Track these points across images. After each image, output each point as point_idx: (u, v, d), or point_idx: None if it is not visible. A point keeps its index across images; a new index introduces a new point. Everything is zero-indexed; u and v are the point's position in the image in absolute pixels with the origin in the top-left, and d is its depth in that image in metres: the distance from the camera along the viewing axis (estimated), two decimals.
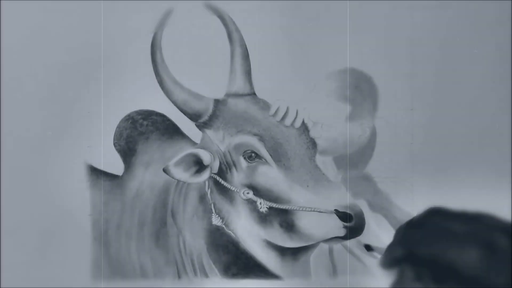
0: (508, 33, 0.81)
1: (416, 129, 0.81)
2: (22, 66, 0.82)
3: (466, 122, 0.81)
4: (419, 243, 0.52)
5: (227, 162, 0.79)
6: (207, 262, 0.81)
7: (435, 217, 0.53)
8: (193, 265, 0.81)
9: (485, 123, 0.81)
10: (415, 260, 0.50)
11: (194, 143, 0.82)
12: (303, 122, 0.80)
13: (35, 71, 0.82)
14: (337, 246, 0.81)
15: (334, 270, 0.81)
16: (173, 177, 0.79)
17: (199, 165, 0.79)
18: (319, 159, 0.80)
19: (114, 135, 0.82)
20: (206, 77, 0.81)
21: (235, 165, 0.79)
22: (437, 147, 0.81)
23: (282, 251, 0.80)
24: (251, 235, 0.80)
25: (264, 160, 0.78)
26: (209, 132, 0.80)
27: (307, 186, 0.78)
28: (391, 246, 0.55)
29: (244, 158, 0.79)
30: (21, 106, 0.82)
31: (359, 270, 0.81)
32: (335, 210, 0.76)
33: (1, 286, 0.82)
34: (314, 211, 0.77)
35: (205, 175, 0.79)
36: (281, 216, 0.78)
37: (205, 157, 0.79)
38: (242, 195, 0.79)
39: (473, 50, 0.82)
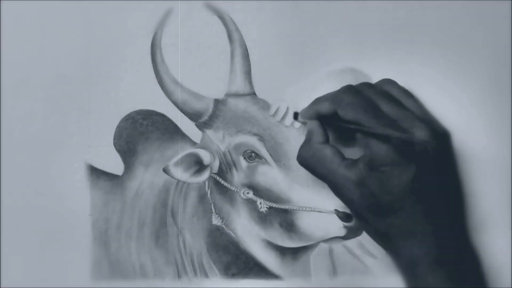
0: (508, 33, 0.81)
1: None
2: (22, 65, 0.82)
3: (466, 122, 0.81)
4: (347, 106, 0.53)
5: (227, 162, 0.79)
6: (207, 262, 0.81)
7: (370, 90, 0.54)
8: (193, 265, 0.81)
9: (486, 124, 0.81)
10: (333, 120, 0.52)
11: (194, 143, 0.82)
12: (303, 122, 0.80)
13: (34, 70, 0.82)
14: (337, 246, 0.81)
15: (334, 270, 0.81)
16: (173, 177, 0.79)
17: (199, 165, 0.79)
18: None
19: (114, 135, 0.82)
20: (206, 77, 0.81)
21: (235, 165, 0.79)
22: None
23: (282, 251, 0.80)
24: (251, 235, 0.80)
25: (264, 160, 0.78)
26: (209, 132, 0.80)
27: (307, 186, 0.78)
28: (316, 100, 0.56)
29: (244, 158, 0.79)
30: (20, 106, 0.82)
31: (359, 270, 0.81)
32: (335, 210, 0.76)
33: (1, 286, 0.82)
34: (314, 211, 0.77)
35: (205, 175, 0.79)
36: (281, 216, 0.78)
37: (205, 157, 0.79)
38: (242, 195, 0.79)
39: (474, 50, 0.82)
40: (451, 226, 0.50)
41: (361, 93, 0.53)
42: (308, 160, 0.55)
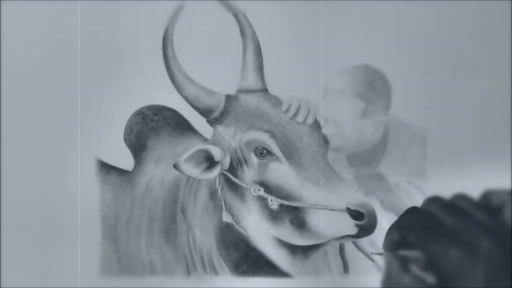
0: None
1: (430, 127, 0.80)
2: (33, 59, 0.82)
3: (480, 121, 0.80)
4: (411, 229, 0.52)
5: (238, 159, 0.79)
6: (217, 259, 0.80)
7: (431, 206, 0.53)
8: (202, 262, 0.81)
9: (500, 121, 0.80)
10: (405, 247, 0.51)
11: (205, 139, 0.81)
12: (315, 119, 0.79)
13: (45, 64, 0.82)
14: (349, 245, 0.80)
15: (345, 269, 0.81)
16: (183, 173, 0.78)
17: (209, 161, 0.78)
18: (331, 156, 0.79)
19: (125, 130, 0.82)
20: (217, 72, 0.81)
21: (246, 162, 0.78)
22: (451, 146, 0.81)
23: (293, 249, 0.79)
24: (261, 233, 0.80)
25: (275, 157, 0.77)
26: (220, 128, 0.80)
27: (319, 183, 0.77)
28: (389, 230, 0.55)
29: (255, 154, 0.78)
30: (31, 100, 0.82)
31: (371, 269, 0.80)
32: (347, 208, 0.76)
33: (7, 283, 0.81)
34: (325, 209, 0.76)
35: (216, 171, 0.79)
36: (292, 213, 0.77)
37: (216, 153, 0.78)
38: (253, 192, 0.78)
39: (487, 47, 0.81)
40: None
41: (424, 212, 0.53)
42: None
